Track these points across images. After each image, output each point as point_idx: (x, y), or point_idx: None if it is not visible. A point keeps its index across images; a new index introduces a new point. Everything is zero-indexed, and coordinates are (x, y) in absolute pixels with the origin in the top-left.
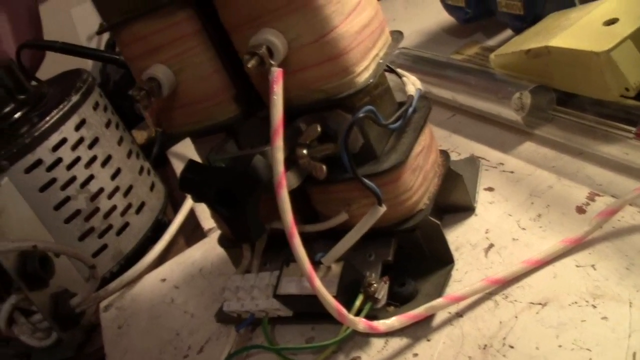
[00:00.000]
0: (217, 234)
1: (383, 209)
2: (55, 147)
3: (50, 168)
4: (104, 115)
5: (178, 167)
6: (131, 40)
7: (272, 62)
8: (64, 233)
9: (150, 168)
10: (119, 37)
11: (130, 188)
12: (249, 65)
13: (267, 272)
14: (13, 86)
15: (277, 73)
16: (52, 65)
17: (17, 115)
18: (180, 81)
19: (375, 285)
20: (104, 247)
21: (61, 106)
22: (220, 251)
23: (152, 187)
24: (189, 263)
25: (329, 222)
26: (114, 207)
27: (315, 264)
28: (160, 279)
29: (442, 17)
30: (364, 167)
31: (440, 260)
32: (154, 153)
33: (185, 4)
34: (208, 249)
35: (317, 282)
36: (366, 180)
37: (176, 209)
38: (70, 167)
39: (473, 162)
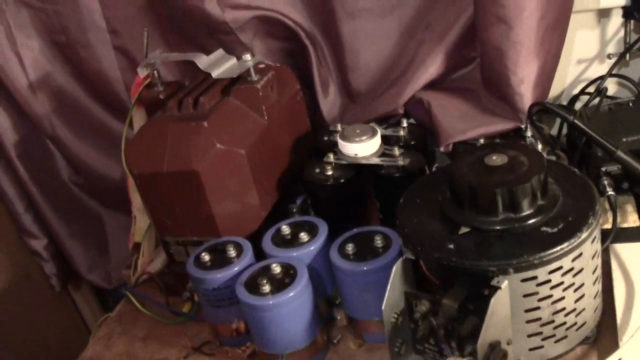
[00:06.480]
0: None
1: None
2: (552, 271)
3: (540, 284)
4: (594, 247)
5: None
6: None
7: None
8: (523, 331)
9: None
10: None
11: (581, 310)
12: None
13: None
14: (540, 190)
15: None
16: None
17: (531, 221)
18: None
19: None
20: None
21: (572, 240)
22: None
23: None
24: None
25: None
26: (563, 323)
27: None
28: None
29: None
30: None
31: None
32: None
33: None
34: None
35: None
36: None
37: None
38: (553, 287)
39: None
